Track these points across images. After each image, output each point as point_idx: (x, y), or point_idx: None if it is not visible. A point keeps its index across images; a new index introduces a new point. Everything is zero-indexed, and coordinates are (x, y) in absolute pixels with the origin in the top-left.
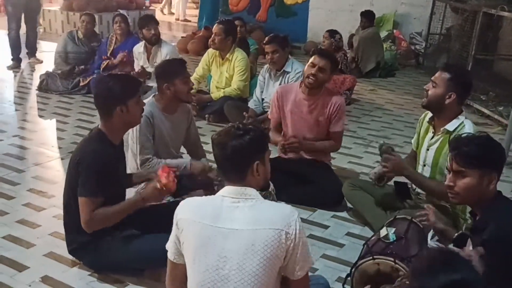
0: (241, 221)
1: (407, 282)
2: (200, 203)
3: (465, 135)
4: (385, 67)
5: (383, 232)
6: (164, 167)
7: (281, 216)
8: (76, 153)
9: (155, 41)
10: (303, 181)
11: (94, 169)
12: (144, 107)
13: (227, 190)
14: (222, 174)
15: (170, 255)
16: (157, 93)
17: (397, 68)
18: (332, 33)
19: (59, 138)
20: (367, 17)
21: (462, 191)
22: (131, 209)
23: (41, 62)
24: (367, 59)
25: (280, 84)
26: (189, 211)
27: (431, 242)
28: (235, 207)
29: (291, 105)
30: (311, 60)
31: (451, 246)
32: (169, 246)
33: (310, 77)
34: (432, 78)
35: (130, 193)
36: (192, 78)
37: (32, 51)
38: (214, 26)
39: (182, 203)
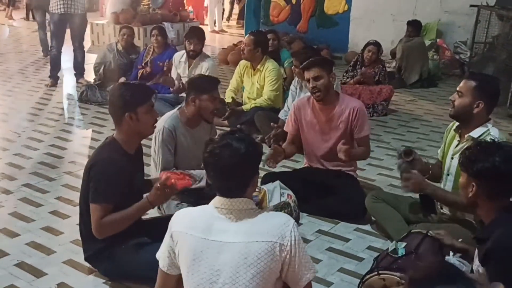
0: (234, 234)
1: None
2: (193, 215)
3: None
4: (427, 77)
5: (391, 246)
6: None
7: (275, 228)
8: (89, 160)
9: (191, 56)
10: (327, 192)
11: (104, 176)
12: (166, 120)
13: (221, 202)
14: (216, 189)
15: (163, 266)
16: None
17: (440, 78)
18: (378, 46)
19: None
20: (414, 26)
21: (460, 187)
22: (139, 214)
23: (89, 83)
24: (411, 70)
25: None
26: (182, 224)
27: (453, 259)
28: (228, 219)
29: (310, 116)
30: (305, 77)
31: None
32: (161, 256)
33: (314, 92)
34: (457, 87)
35: None
36: (228, 91)
37: (79, 72)
38: (245, 37)
39: (175, 214)
